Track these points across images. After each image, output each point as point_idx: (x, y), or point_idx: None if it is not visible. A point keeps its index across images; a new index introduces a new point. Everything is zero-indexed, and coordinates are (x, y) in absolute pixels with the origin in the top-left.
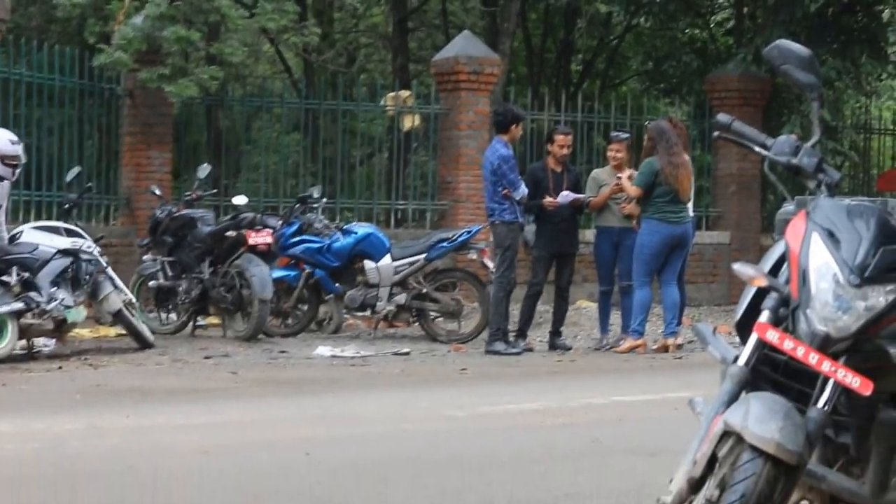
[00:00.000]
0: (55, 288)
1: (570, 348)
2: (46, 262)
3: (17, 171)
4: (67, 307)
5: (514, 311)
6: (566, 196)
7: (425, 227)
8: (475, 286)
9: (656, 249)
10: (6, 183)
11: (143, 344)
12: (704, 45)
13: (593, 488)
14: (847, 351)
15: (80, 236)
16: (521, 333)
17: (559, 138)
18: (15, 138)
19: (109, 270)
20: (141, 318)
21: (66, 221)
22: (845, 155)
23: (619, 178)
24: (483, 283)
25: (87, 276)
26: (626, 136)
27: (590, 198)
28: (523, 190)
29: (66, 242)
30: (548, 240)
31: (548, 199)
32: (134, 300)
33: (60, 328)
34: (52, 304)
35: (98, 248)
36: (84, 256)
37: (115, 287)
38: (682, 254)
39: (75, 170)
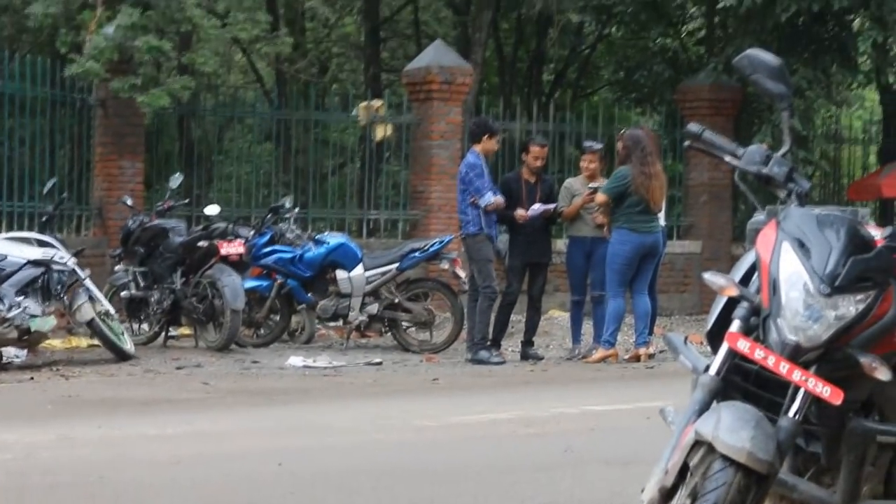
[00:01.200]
0: (22, 297)
1: (541, 358)
2: (14, 272)
3: None
4: (33, 316)
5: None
6: (536, 209)
7: (397, 236)
8: (447, 296)
9: (628, 259)
10: None
11: (121, 355)
12: (675, 54)
13: (566, 498)
14: (818, 360)
15: (53, 247)
16: (496, 343)
17: (534, 149)
18: None
19: (88, 282)
20: (119, 329)
21: (45, 233)
22: (816, 164)
23: (592, 187)
24: (455, 292)
25: (59, 287)
26: (599, 146)
27: (562, 207)
28: (489, 198)
29: (37, 253)
30: (521, 249)
31: (519, 212)
32: (112, 311)
33: (26, 338)
34: (14, 313)
35: (74, 260)
36: (56, 267)
37: (91, 298)
38: (654, 263)
39: (51, 182)
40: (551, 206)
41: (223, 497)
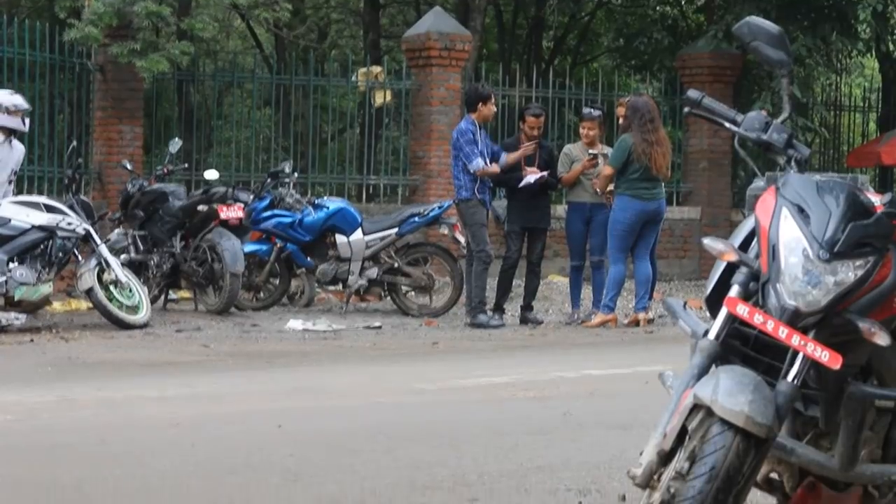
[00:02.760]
0: (15, 263)
1: (541, 322)
2: (15, 236)
3: (27, 121)
4: (23, 284)
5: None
6: (531, 179)
7: (397, 201)
8: (446, 261)
9: (629, 225)
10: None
11: (121, 325)
12: (675, 21)
13: (564, 461)
14: (816, 325)
15: (63, 212)
16: (499, 307)
17: (530, 120)
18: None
19: (102, 249)
20: (131, 298)
21: (66, 196)
22: (815, 131)
23: (591, 154)
24: (454, 257)
25: (62, 254)
26: (598, 113)
27: (561, 173)
28: (478, 164)
29: (43, 218)
30: (519, 214)
31: (528, 170)
32: (123, 280)
33: (16, 304)
34: (1, 280)
35: (87, 226)
36: (61, 234)
37: (103, 266)
38: (656, 229)
39: (72, 145)
40: (545, 172)
41: (223, 459)
